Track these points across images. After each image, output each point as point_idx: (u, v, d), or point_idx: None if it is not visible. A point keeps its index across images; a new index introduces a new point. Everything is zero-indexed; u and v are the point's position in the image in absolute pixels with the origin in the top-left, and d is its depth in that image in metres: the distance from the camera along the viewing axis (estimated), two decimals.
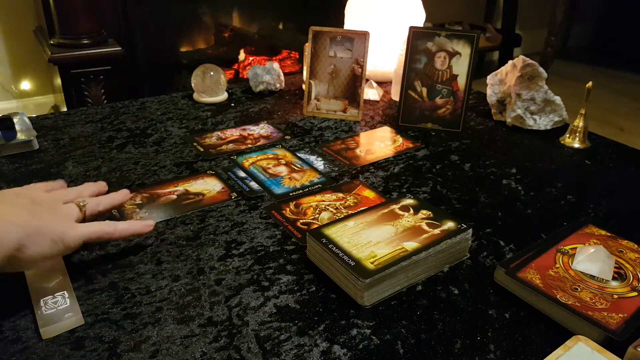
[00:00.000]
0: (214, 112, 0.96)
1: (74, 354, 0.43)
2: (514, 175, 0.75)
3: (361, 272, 0.48)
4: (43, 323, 0.45)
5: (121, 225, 0.54)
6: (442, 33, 0.87)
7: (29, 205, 0.50)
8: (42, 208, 0.50)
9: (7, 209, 0.48)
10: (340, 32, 0.92)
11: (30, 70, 2.18)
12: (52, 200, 0.53)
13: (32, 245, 0.46)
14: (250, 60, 2.23)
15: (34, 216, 0.48)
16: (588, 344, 0.43)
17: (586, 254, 0.53)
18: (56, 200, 0.54)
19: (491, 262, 0.56)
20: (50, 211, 0.51)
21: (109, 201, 0.58)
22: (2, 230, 0.44)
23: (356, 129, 0.91)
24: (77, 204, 0.54)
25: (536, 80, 0.88)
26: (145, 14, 1.99)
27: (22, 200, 0.50)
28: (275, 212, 0.64)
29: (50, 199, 0.53)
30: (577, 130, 0.85)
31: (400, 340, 0.46)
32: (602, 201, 0.69)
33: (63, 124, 0.89)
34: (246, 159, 0.78)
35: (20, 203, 0.49)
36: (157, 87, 2.03)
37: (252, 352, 0.44)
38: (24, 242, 0.45)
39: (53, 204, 0.53)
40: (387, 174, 0.75)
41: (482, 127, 0.93)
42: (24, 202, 0.50)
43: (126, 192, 0.61)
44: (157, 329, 0.46)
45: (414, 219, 0.57)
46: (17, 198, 0.51)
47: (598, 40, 3.67)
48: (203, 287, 0.51)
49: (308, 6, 2.33)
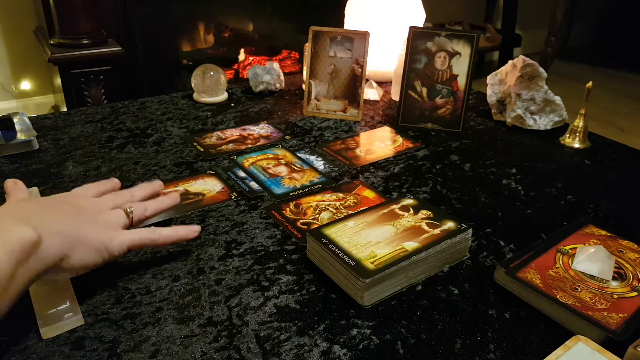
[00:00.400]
0: (214, 112, 0.96)
1: (74, 354, 0.43)
2: (514, 175, 0.75)
3: (361, 272, 0.48)
4: (43, 323, 0.45)
5: (166, 231, 0.53)
6: (442, 33, 0.87)
7: (74, 212, 0.49)
8: (89, 216, 0.50)
9: (51, 217, 0.47)
10: (340, 32, 0.92)
11: (30, 70, 2.18)
12: (100, 206, 0.53)
13: (76, 255, 0.45)
14: (250, 60, 2.23)
15: (79, 225, 0.47)
16: (588, 344, 0.43)
17: (586, 254, 0.53)
18: (104, 206, 0.53)
19: (491, 262, 0.56)
20: (96, 219, 0.50)
21: (158, 206, 0.57)
22: (46, 240, 0.43)
23: (356, 129, 0.91)
24: (125, 210, 0.53)
25: (536, 80, 0.88)
26: (145, 14, 1.99)
27: (67, 207, 0.49)
28: (275, 212, 0.64)
29: (97, 205, 0.53)
30: (577, 130, 0.85)
31: (400, 340, 0.46)
32: (602, 201, 0.69)
33: (63, 124, 0.89)
34: (246, 159, 0.78)
35: (65, 210, 0.49)
36: (157, 87, 2.03)
37: (252, 352, 0.44)
38: (67, 252, 0.45)
39: (99, 211, 0.52)
40: (387, 174, 0.75)
41: (482, 127, 0.93)
42: (69, 209, 0.49)
43: (176, 196, 0.59)
44: (157, 329, 0.46)
45: (414, 219, 0.57)
46: (63, 205, 0.50)
47: (598, 40, 3.67)
48: (203, 287, 0.51)
49: (308, 6, 2.33)
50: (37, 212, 0.47)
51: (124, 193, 0.57)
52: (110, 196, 0.56)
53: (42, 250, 0.42)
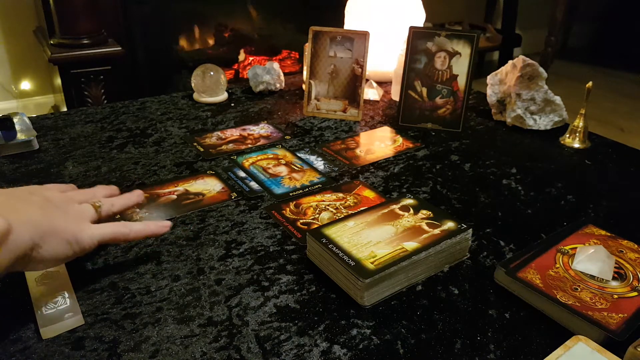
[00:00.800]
0: (214, 112, 0.96)
1: (74, 354, 0.43)
2: (514, 175, 0.75)
3: (361, 272, 0.48)
4: (43, 323, 0.45)
5: (137, 226, 0.53)
6: (442, 33, 0.87)
7: (43, 203, 0.48)
8: (57, 207, 0.49)
9: (21, 207, 0.46)
10: (340, 32, 0.92)
11: (30, 70, 2.18)
12: (67, 199, 0.52)
13: (46, 246, 0.45)
14: (250, 60, 2.23)
15: (48, 215, 0.47)
16: (588, 344, 0.43)
17: (586, 254, 0.53)
18: (71, 199, 0.52)
19: (491, 262, 0.56)
20: (65, 210, 0.49)
21: (124, 202, 0.57)
22: (16, 228, 0.42)
23: (356, 129, 0.91)
24: (93, 204, 0.53)
25: (536, 80, 0.88)
26: (145, 14, 1.99)
27: (36, 199, 0.49)
28: (275, 212, 0.64)
29: (64, 198, 0.52)
30: (577, 130, 0.85)
31: (400, 340, 0.46)
32: (602, 201, 0.69)
33: (63, 124, 0.89)
34: (246, 159, 0.78)
35: (34, 201, 0.48)
36: (157, 87, 2.03)
37: (252, 352, 0.44)
38: (37, 242, 0.44)
39: (68, 203, 0.51)
40: (387, 174, 0.75)
41: (482, 127, 0.93)
42: (38, 200, 0.48)
43: (140, 193, 0.59)
44: (157, 329, 0.46)
45: (414, 219, 0.57)
46: (31, 196, 0.49)
47: (598, 40, 3.67)
48: (203, 287, 0.51)
49: (308, 6, 2.33)
50: (6, 202, 0.46)
51: (87, 191, 0.57)
52: (74, 193, 0.55)
53: (12, 240, 0.42)
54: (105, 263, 0.54)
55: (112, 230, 0.51)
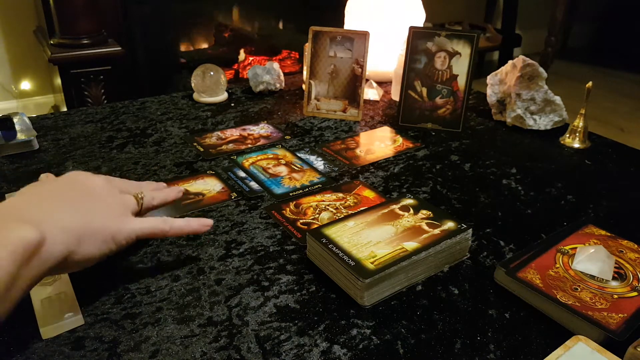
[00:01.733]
0: (214, 112, 0.96)
1: (74, 354, 0.43)
2: (514, 175, 0.75)
3: (361, 272, 0.48)
4: (43, 323, 0.45)
5: (177, 222, 0.52)
6: (442, 33, 0.87)
7: (84, 197, 0.47)
8: (98, 199, 0.47)
9: (57, 211, 0.44)
10: (340, 32, 0.92)
11: (30, 70, 2.18)
12: (111, 188, 0.50)
13: (81, 249, 0.44)
14: (250, 60, 2.23)
15: (86, 215, 0.45)
16: (588, 344, 0.43)
17: (586, 254, 0.53)
18: (114, 188, 0.51)
19: (491, 262, 0.56)
20: (108, 202, 0.48)
21: (164, 197, 0.56)
22: (50, 239, 0.41)
23: (356, 129, 0.91)
24: (135, 195, 0.52)
25: (536, 80, 0.88)
26: (145, 14, 1.99)
27: (76, 193, 0.47)
28: (275, 212, 0.64)
29: (109, 186, 0.50)
30: (577, 130, 0.85)
31: (400, 340, 0.46)
32: (602, 201, 0.69)
33: (63, 124, 0.89)
34: (246, 159, 0.78)
35: (73, 197, 0.46)
36: (157, 87, 2.03)
37: (252, 352, 0.44)
38: (73, 249, 0.43)
39: (110, 193, 0.50)
40: (387, 174, 0.75)
41: (482, 127, 0.93)
42: (77, 195, 0.47)
43: (180, 189, 0.58)
44: (157, 329, 0.46)
45: (414, 219, 0.57)
46: (70, 191, 0.47)
47: (598, 40, 3.67)
48: (203, 287, 0.51)
49: (308, 6, 2.33)
50: (41, 206, 0.44)
51: (132, 182, 0.56)
52: (120, 181, 0.54)
53: (46, 251, 0.40)
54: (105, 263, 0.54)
55: (151, 225, 0.50)
